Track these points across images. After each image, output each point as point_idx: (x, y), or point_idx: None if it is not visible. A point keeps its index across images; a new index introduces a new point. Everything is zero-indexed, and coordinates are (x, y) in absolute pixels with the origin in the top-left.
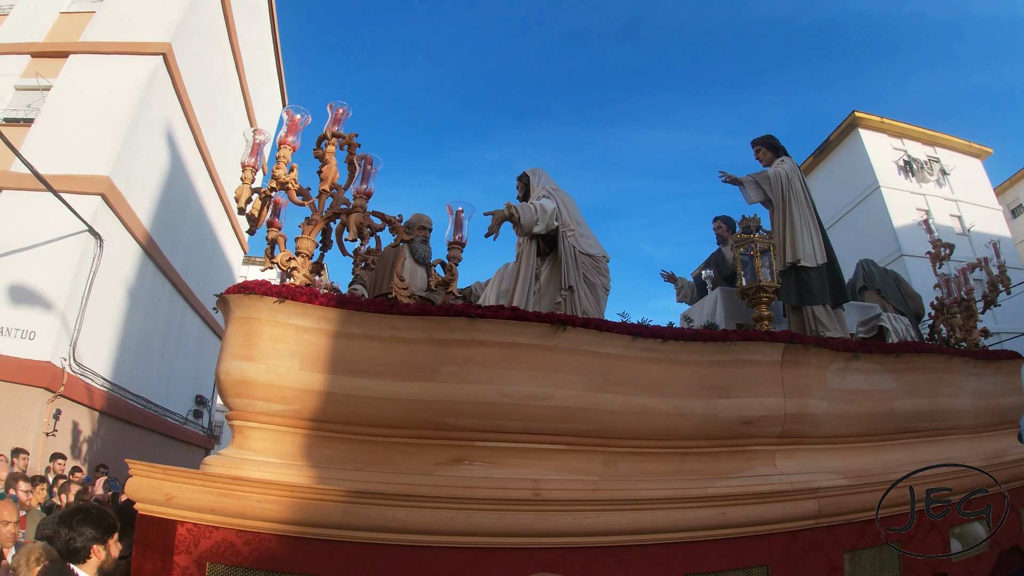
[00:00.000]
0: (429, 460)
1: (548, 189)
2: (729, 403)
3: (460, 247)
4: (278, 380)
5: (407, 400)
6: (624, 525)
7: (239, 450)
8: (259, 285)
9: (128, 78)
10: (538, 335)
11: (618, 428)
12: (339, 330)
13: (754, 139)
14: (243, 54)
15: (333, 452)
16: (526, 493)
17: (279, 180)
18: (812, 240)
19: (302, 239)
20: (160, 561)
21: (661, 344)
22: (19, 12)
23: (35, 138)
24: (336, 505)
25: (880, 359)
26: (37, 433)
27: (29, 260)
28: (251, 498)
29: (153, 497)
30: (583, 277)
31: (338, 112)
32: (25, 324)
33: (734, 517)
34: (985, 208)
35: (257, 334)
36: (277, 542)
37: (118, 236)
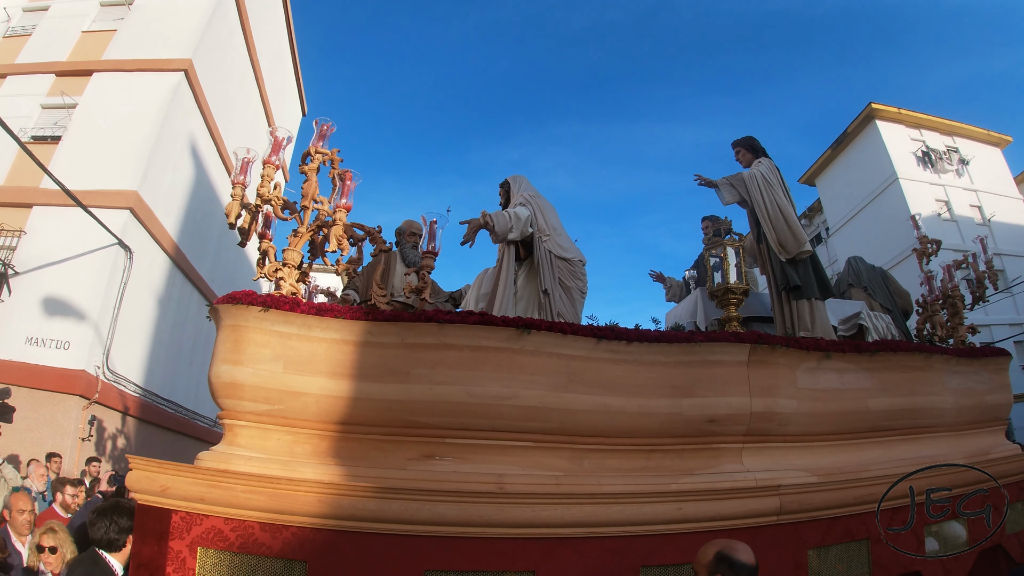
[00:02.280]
0: (403, 456)
1: (526, 196)
2: (694, 402)
3: (433, 256)
4: (263, 382)
5: (382, 400)
6: (580, 518)
7: (228, 446)
8: (245, 295)
9: (151, 94)
10: (504, 339)
11: (584, 426)
12: (319, 335)
13: (734, 140)
14: (262, 64)
15: (313, 448)
16: (490, 487)
17: (263, 197)
18: (796, 233)
19: (288, 250)
20: (156, 546)
21: (626, 346)
22: (42, 32)
23: (63, 155)
24: (313, 496)
25: (854, 358)
26: (73, 438)
27: (62, 273)
28: (236, 489)
29: (150, 488)
30: (559, 281)
31: (323, 128)
32: (60, 335)
33: (691, 512)
34: (1006, 197)
35: (244, 340)
36: (260, 529)
37: (147, 248)
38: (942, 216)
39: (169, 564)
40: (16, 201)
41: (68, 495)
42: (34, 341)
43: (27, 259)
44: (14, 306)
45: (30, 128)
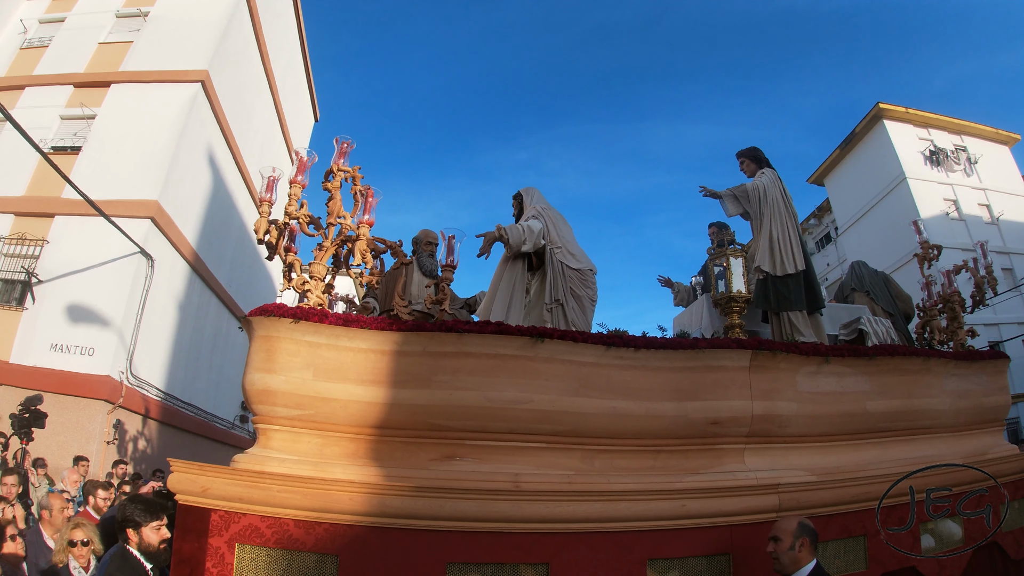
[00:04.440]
0: (425, 456)
1: (538, 209)
2: (698, 405)
3: (452, 269)
4: (295, 389)
5: (406, 405)
6: (591, 514)
7: (263, 449)
8: (277, 308)
9: (169, 105)
10: (519, 347)
11: (594, 428)
12: (346, 345)
13: (739, 151)
14: (275, 72)
15: (342, 449)
16: (507, 485)
17: (290, 215)
18: (792, 249)
19: (314, 264)
20: (196, 543)
21: (633, 352)
22: (60, 43)
23: (83, 165)
24: (343, 494)
25: (853, 362)
26: (99, 442)
27: (86, 281)
28: (272, 489)
29: (191, 489)
30: (570, 290)
31: (343, 146)
32: (85, 341)
33: (694, 508)
34: (1015, 196)
35: (276, 350)
36: (294, 525)
37: (167, 256)
38: (950, 215)
39: (209, 559)
40: (38, 211)
41: (100, 498)
42: (59, 348)
43: (50, 268)
44: (39, 314)
45: (50, 139)
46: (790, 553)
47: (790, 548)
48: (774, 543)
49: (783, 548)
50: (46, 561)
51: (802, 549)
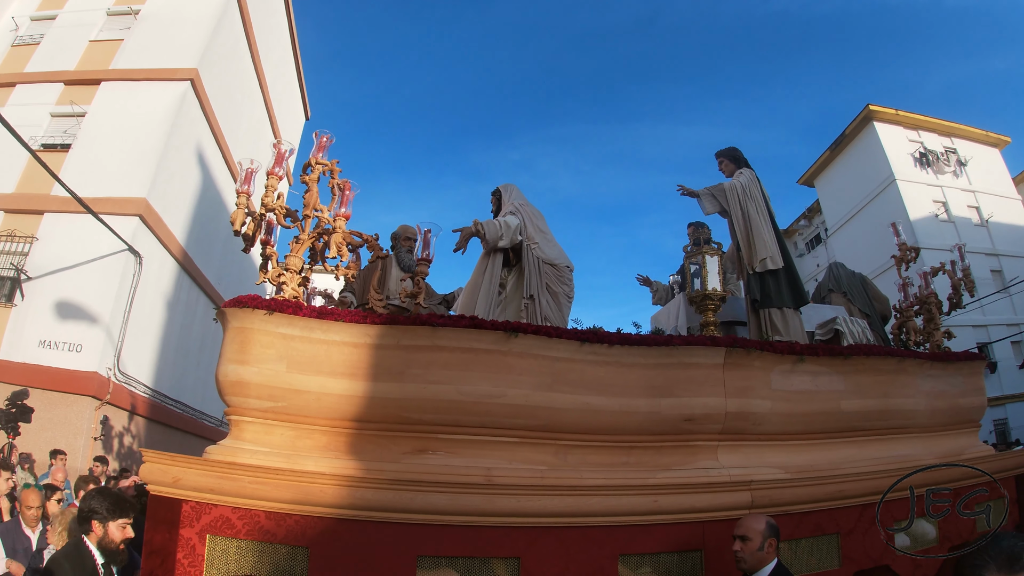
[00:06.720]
0: (398, 449)
1: (516, 205)
2: (672, 402)
3: (427, 263)
4: (268, 381)
5: (378, 398)
6: (563, 508)
7: (235, 440)
8: (251, 299)
9: (159, 103)
10: (493, 341)
11: (568, 424)
12: (320, 337)
13: (718, 151)
14: (265, 70)
15: (314, 442)
16: (479, 479)
17: (267, 206)
18: (768, 247)
19: (290, 256)
20: (167, 533)
21: (607, 348)
22: (50, 41)
23: (73, 163)
24: (315, 486)
25: (828, 361)
26: (86, 438)
27: (74, 278)
28: (244, 480)
29: (162, 480)
30: (546, 286)
31: (322, 140)
32: (72, 338)
33: (666, 504)
34: (1004, 198)
35: (250, 342)
36: (265, 517)
37: (156, 253)
38: (940, 217)
39: (180, 550)
40: (28, 208)
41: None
42: (47, 344)
43: (40, 264)
44: (27, 310)
45: (40, 136)
46: (758, 553)
47: (759, 548)
48: (742, 542)
49: (752, 548)
50: (23, 549)
51: (769, 549)
